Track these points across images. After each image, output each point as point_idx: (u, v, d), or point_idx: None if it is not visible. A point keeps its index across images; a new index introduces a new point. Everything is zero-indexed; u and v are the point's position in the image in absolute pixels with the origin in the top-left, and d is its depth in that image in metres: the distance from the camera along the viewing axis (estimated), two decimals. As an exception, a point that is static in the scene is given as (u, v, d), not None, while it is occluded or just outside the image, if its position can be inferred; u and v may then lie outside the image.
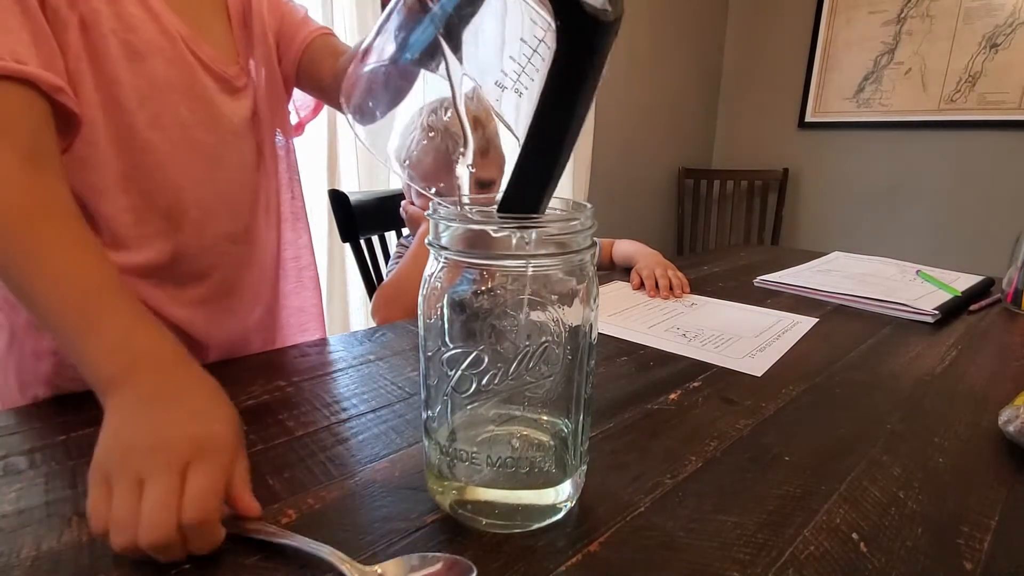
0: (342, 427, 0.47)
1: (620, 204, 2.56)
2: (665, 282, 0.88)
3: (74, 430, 0.45)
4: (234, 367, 0.59)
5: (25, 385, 0.58)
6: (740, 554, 0.32)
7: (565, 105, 0.28)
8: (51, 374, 0.56)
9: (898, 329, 0.73)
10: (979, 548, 0.33)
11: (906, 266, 1.05)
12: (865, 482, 0.39)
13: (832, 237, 2.57)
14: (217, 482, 0.33)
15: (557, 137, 0.29)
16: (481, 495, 0.34)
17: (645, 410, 0.50)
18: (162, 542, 0.30)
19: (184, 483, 0.32)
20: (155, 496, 0.31)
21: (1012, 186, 2.11)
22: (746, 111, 2.77)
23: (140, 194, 0.56)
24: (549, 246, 0.31)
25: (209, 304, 0.64)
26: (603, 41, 0.27)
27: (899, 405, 0.51)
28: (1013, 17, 2.02)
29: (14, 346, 0.58)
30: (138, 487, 0.31)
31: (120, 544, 0.30)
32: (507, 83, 0.31)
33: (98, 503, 0.32)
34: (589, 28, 0.26)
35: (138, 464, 0.32)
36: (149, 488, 0.31)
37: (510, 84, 0.31)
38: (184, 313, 0.61)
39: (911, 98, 2.27)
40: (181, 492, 0.31)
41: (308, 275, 0.79)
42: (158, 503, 0.31)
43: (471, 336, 0.32)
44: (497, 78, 0.31)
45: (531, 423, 0.35)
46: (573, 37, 0.26)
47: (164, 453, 0.32)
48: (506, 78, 0.31)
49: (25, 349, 0.57)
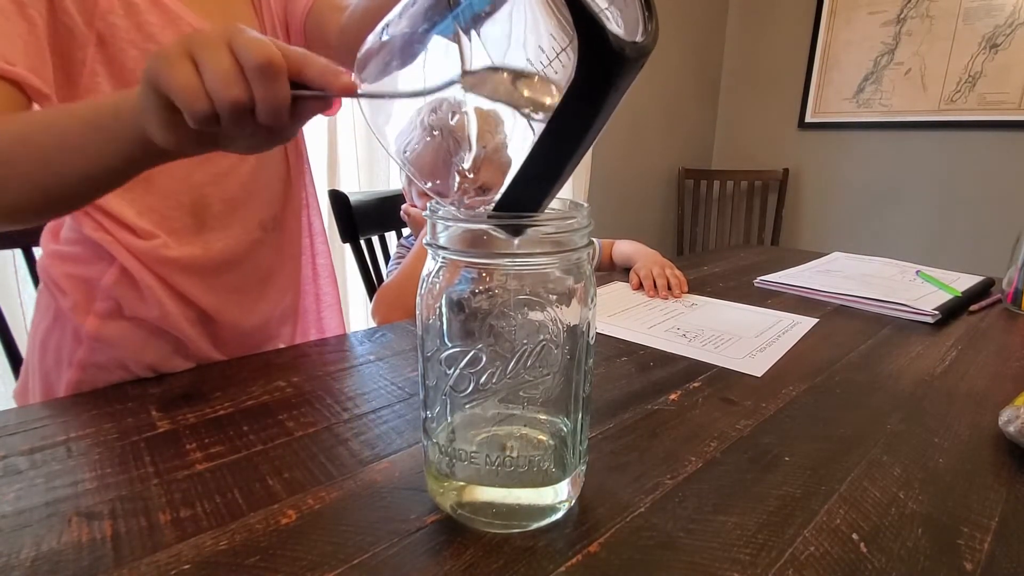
0: (342, 427, 0.47)
1: (620, 204, 2.56)
2: (663, 282, 0.88)
3: (74, 430, 0.45)
4: (234, 367, 0.59)
5: (60, 363, 0.61)
6: (740, 554, 0.32)
7: (575, 128, 0.28)
8: (84, 357, 0.59)
9: (898, 329, 0.73)
10: (979, 548, 0.33)
11: (906, 266, 1.05)
12: (865, 482, 0.39)
13: (832, 237, 2.56)
14: (264, 40, 0.32)
15: (562, 157, 0.29)
16: (480, 494, 0.34)
17: (645, 410, 0.50)
18: (233, 94, 0.31)
19: (233, 49, 0.32)
20: (213, 58, 0.32)
21: (1012, 186, 2.11)
22: (746, 111, 2.77)
23: (163, 195, 0.58)
24: (546, 245, 0.31)
25: (242, 291, 0.66)
26: (623, 77, 0.25)
27: (899, 405, 0.51)
28: (1013, 17, 2.02)
29: (57, 325, 0.61)
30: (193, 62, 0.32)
31: (196, 108, 0.32)
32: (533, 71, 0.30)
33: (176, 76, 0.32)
34: (610, 61, 0.25)
35: (182, 48, 0.32)
36: (204, 57, 0.32)
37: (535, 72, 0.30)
38: (217, 300, 0.63)
39: (911, 98, 2.27)
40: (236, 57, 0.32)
41: (322, 263, 0.79)
42: (216, 58, 0.31)
43: (469, 335, 0.32)
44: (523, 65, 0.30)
45: (530, 422, 0.35)
46: (593, 66, 0.25)
47: (202, 35, 0.33)
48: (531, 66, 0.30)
49: (67, 331, 0.60)
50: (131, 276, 0.57)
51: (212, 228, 0.61)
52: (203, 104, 0.32)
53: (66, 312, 0.59)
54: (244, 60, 0.32)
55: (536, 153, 0.28)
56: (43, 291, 0.63)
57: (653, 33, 0.27)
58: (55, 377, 0.62)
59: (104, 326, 0.59)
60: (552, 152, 0.28)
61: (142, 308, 0.59)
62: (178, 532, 0.34)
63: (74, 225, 0.58)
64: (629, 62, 0.25)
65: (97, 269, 0.58)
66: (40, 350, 0.63)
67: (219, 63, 0.32)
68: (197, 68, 0.32)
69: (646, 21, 0.27)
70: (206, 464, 0.41)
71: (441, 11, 0.32)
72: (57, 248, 0.61)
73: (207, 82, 0.32)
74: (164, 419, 0.47)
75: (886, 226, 2.41)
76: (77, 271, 0.59)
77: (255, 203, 0.65)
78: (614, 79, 0.25)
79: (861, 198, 2.46)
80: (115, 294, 0.58)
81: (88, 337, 0.59)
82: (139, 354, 0.59)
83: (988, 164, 2.15)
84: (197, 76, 0.32)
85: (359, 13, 0.61)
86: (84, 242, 0.58)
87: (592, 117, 0.27)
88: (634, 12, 0.28)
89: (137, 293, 0.58)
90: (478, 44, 0.31)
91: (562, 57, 0.28)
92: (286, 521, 0.35)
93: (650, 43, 0.26)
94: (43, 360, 0.63)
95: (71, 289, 0.59)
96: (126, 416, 0.48)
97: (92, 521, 0.35)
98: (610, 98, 0.26)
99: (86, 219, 0.57)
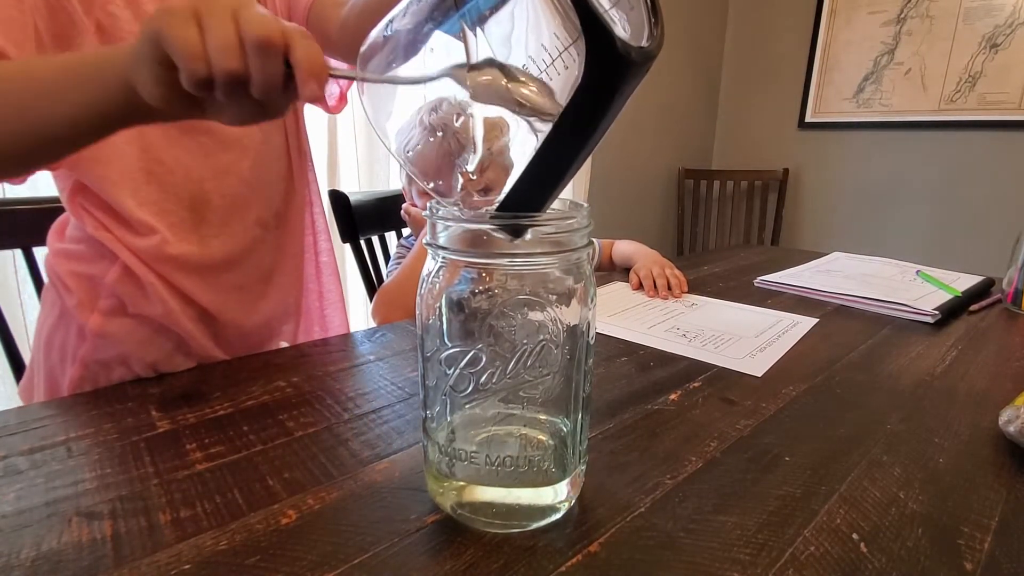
0: (342, 427, 0.47)
1: (620, 204, 2.56)
2: (663, 281, 0.88)
3: (74, 430, 0.45)
4: (234, 367, 0.59)
5: (64, 359, 0.61)
6: (740, 554, 0.32)
7: (580, 131, 0.28)
8: (88, 354, 0.60)
9: (898, 329, 0.73)
10: (979, 548, 0.33)
11: (906, 266, 1.05)
12: (865, 482, 0.39)
13: (832, 237, 2.57)
14: (268, 17, 0.33)
15: (566, 159, 0.29)
16: (480, 494, 0.34)
17: (645, 410, 0.50)
18: (231, 65, 0.32)
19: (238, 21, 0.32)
20: (219, 25, 0.32)
21: (1012, 186, 2.11)
22: (746, 111, 2.77)
23: (161, 187, 0.58)
24: (546, 245, 0.31)
25: (244, 289, 0.66)
26: (629, 82, 0.26)
27: (899, 405, 0.51)
28: (1013, 17, 2.02)
29: (62, 323, 0.62)
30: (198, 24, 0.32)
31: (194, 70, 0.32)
32: (534, 70, 0.30)
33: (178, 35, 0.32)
34: (616, 66, 0.25)
35: (190, 9, 0.33)
36: (210, 23, 0.32)
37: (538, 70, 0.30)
38: (219, 299, 0.63)
39: (911, 98, 2.27)
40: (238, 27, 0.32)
41: (325, 260, 0.79)
42: (221, 26, 0.32)
43: (469, 335, 0.32)
44: (524, 62, 0.31)
45: (530, 422, 0.35)
46: (599, 71, 0.25)
47: (211, 1, 0.33)
48: (533, 65, 0.30)
49: (71, 328, 0.61)
50: (134, 274, 0.58)
51: (211, 224, 0.61)
52: (202, 67, 0.32)
53: (71, 309, 0.60)
54: (245, 33, 0.32)
55: (540, 156, 0.29)
56: (49, 288, 0.63)
57: (659, 38, 0.27)
58: (59, 373, 0.62)
59: (108, 323, 0.59)
60: (556, 155, 0.29)
61: (145, 306, 0.59)
62: (178, 532, 0.34)
63: (78, 224, 0.59)
64: (635, 67, 0.25)
65: (101, 267, 0.58)
66: (45, 347, 0.63)
67: (223, 31, 0.32)
68: (202, 32, 0.32)
69: (652, 25, 0.28)
70: (206, 464, 0.41)
71: (446, 9, 0.32)
72: (62, 246, 0.61)
73: (209, 49, 0.32)
74: (164, 419, 0.47)
75: (886, 226, 2.41)
76: (81, 269, 0.59)
77: (255, 201, 0.64)
78: (620, 83, 0.26)
79: (861, 198, 2.46)
80: (118, 292, 0.58)
81: (92, 334, 0.59)
82: (142, 351, 0.60)
83: (988, 164, 2.15)
84: (201, 40, 0.32)
85: (358, 9, 0.61)
86: (88, 240, 0.58)
87: (597, 120, 0.27)
88: (640, 15, 0.28)
89: (140, 291, 0.58)
90: (483, 42, 0.31)
91: (564, 56, 0.28)
92: (286, 521, 0.35)
93: (656, 48, 0.26)
94: (48, 357, 0.63)
95: (76, 287, 0.59)
96: (126, 416, 0.48)
97: (92, 521, 0.35)
98: (615, 102, 0.26)
99: (88, 218, 0.57)
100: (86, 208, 0.57)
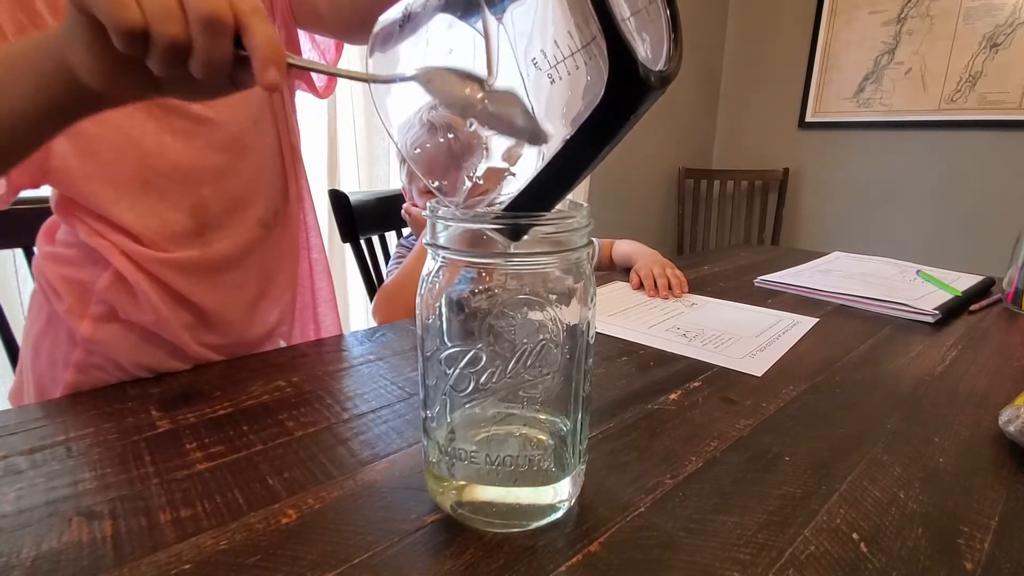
0: (342, 427, 0.47)
1: (620, 204, 2.56)
2: (664, 281, 0.88)
3: (74, 430, 0.45)
4: (234, 367, 0.59)
5: (55, 365, 0.60)
6: (740, 554, 0.32)
7: (592, 147, 0.28)
8: (81, 359, 0.59)
9: (898, 329, 0.73)
10: (979, 548, 0.33)
11: (906, 266, 1.05)
12: (865, 482, 0.39)
13: (832, 237, 2.56)
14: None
15: (575, 172, 0.29)
16: (480, 494, 0.34)
17: (645, 410, 0.50)
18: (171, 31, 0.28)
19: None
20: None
21: (1012, 186, 2.11)
22: (746, 111, 2.77)
23: (160, 196, 0.57)
24: (546, 244, 0.31)
25: (245, 289, 0.65)
26: (645, 104, 0.27)
27: (899, 405, 0.51)
28: (1013, 17, 2.02)
29: (50, 328, 0.61)
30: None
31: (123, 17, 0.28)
32: (543, 65, 0.30)
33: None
34: (636, 90, 0.26)
35: None
36: None
37: (546, 68, 0.30)
38: (219, 299, 0.63)
39: (911, 98, 2.27)
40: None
41: (316, 257, 0.78)
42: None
43: (469, 335, 0.32)
44: (535, 56, 0.31)
45: (530, 422, 0.35)
46: (618, 93, 0.26)
47: None
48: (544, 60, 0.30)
49: (60, 333, 0.60)
50: (125, 281, 0.56)
51: (212, 228, 0.60)
52: (133, 14, 0.28)
53: (60, 315, 0.59)
54: (189, 8, 0.29)
55: (550, 167, 0.29)
56: (37, 293, 0.62)
57: (677, 60, 0.28)
58: (49, 380, 0.61)
59: (98, 329, 0.58)
60: (566, 167, 0.29)
61: (136, 313, 0.58)
62: (178, 532, 0.34)
63: (69, 228, 0.58)
64: (654, 91, 0.26)
65: (92, 273, 0.57)
66: (33, 353, 0.62)
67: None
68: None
69: (671, 44, 0.28)
70: (206, 464, 0.41)
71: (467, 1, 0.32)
72: (52, 250, 0.60)
73: (144, 7, 0.28)
74: (164, 419, 0.47)
75: (886, 226, 2.41)
76: (71, 273, 0.58)
77: (255, 201, 0.64)
78: (638, 105, 0.27)
79: (861, 198, 2.46)
80: (109, 298, 0.57)
81: (83, 340, 0.58)
82: (135, 357, 0.59)
83: (988, 164, 2.15)
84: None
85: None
86: (79, 245, 0.57)
87: (610, 137, 0.28)
88: (659, 31, 0.29)
89: (131, 298, 0.57)
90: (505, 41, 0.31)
91: (576, 58, 0.28)
92: (286, 521, 0.35)
93: (674, 70, 0.27)
94: (36, 363, 0.62)
95: (66, 292, 0.58)
96: (126, 416, 0.48)
97: (92, 521, 0.35)
98: (631, 121, 0.27)
99: (80, 225, 0.56)
100: (77, 215, 0.56)
